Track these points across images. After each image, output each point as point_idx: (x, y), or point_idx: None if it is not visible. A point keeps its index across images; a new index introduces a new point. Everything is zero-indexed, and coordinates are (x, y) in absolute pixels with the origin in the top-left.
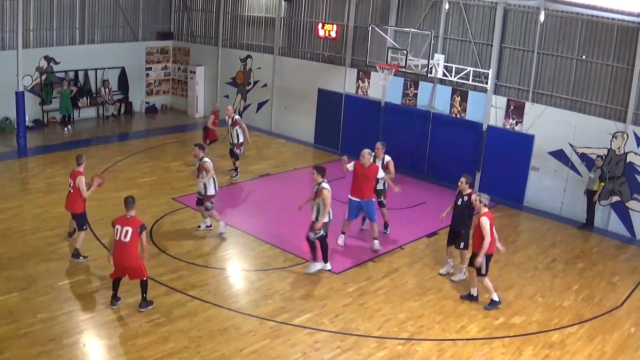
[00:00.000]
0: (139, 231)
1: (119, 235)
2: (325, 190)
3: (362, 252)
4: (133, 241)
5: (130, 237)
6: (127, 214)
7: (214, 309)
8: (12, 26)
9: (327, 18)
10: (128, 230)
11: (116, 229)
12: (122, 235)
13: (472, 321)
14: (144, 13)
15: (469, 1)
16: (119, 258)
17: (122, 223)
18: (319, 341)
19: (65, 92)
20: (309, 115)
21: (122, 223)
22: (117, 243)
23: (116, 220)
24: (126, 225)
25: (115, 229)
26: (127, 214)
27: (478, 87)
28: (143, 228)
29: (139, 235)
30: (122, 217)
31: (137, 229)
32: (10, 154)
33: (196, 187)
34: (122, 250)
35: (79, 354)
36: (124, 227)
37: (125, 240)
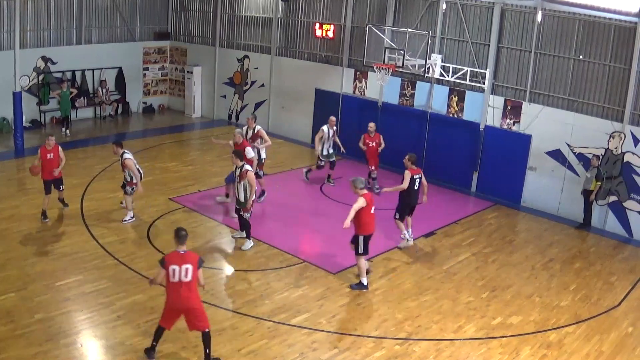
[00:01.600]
0: (198, 266)
1: (179, 276)
2: (249, 172)
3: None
4: (195, 279)
5: (192, 275)
6: (180, 250)
7: (212, 309)
8: (9, 26)
9: (325, 18)
10: (188, 269)
11: (172, 269)
12: (183, 275)
13: (470, 321)
14: (141, 13)
15: (466, 1)
16: (179, 302)
17: (178, 262)
18: (316, 341)
19: (65, 93)
20: (307, 115)
21: (178, 262)
22: (174, 285)
23: (169, 260)
24: (184, 263)
25: (170, 270)
26: (179, 249)
27: (475, 87)
28: (202, 262)
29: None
30: (174, 254)
31: (197, 265)
32: (8, 154)
33: (193, 188)
34: (185, 291)
35: (76, 355)
36: (183, 266)
37: (186, 279)
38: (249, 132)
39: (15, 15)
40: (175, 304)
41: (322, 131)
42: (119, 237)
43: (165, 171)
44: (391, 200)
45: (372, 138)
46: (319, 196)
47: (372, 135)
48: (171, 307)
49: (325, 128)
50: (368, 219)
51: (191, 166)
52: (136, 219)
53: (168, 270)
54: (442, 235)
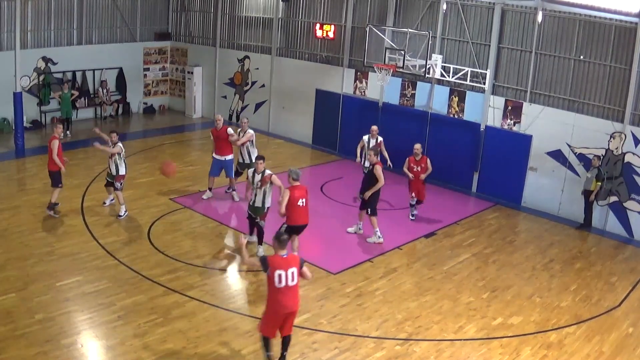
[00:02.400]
0: (300, 266)
1: (285, 281)
2: (273, 176)
3: (360, 252)
4: (298, 282)
5: (297, 278)
6: (281, 253)
7: (212, 310)
8: (10, 27)
9: (325, 18)
10: (294, 272)
11: (278, 275)
12: (290, 280)
13: (470, 321)
14: (141, 14)
15: (467, 2)
16: (286, 307)
17: (284, 266)
18: (317, 341)
19: (66, 95)
20: (307, 115)
21: (284, 266)
22: (281, 291)
23: (274, 265)
24: (290, 267)
25: (276, 276)
26: (279, 253)
27: (476, 87)
28: (303, 261)
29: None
30: (278, 259)
31: (299, 266)
32: (8, 155)
33: (194, 188)
34: (292, 295)
35: (77, 355)
36: (289, 270)
37: (292, 283)
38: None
39: (16, 16)
40: (282, 309)
41: (363, 140)
42: (120, 237)
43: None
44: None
45: (417, 162)
46: (319, 196)
47: (417, 159)
48: (276, 312)
49: (365, 138)
50: (292, 210)
51: (192, 166)
52: (136, 219)
53: (273, 276)
54: (442, 235)
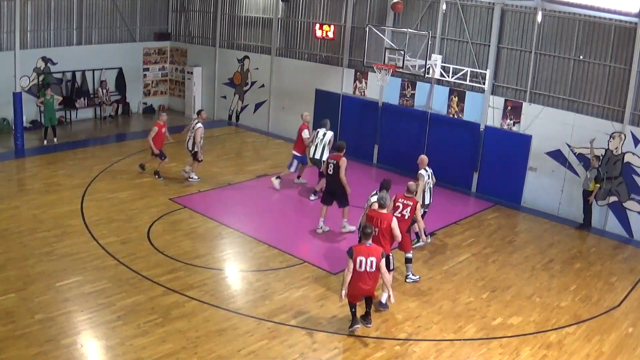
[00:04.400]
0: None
1: (365, 267)
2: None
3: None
4: (378, 269)
5: (376, 267)
6: (366, 242)
7: (212, 310)
8: (10, 27)
9: (325, 19)
10: (373, 261)
11: (359, 260)
12: (368, 266)
13: (470, 321)
14: (141, 14)
15: (467, 2)
16: (363, 286)
17: (365, 254)
18: (317, 342)
19: (49, 101)
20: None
21: (365, 254)
22: (361, 274)
23: (357, 251)
24: (370, 255)
25: (358, 261)
26: (365, 242)
27: (475, 87)
28: (384, 254)
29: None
30: (362, 247)
31: (380, 257)
32: (8, 155)
33: (194, 188)
34: (370, 278)
35: (76, 355)
36: (369, 258)
37: (371, 270)
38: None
39: (16, 16)
40: (357, 291)
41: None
42: (119, 237)
43: (166, 171)
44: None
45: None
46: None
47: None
48: (356, 289)
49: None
50: None
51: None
52: (136, 219)
53: (355, 261)
54: (442, 235)
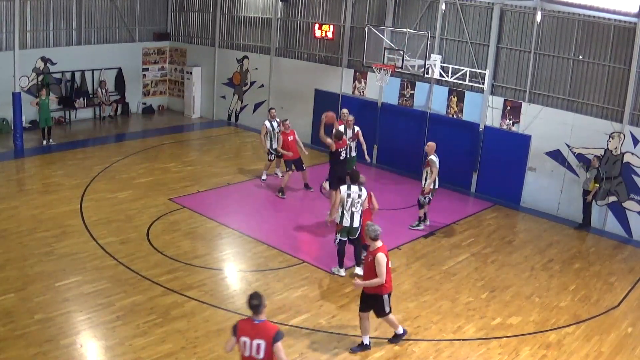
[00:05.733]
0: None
1: (249, 351)
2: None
3: None
4: (268, 357)
5: (265, 354)
6: (254, 319)
7: (211, 310)
8: (9, 27)
9: (324, 19)
10: (260, 345)
11: (242, 341)
12: (254, 352)
13: (469, 322)
14: (140, 14)
15: (466, 2)
16: None
17: (250, 334)
18: (316, 342)
19: (44, 102)
20: (306, 115)
21: (250, 334)
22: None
23: (240, 329)
24: (257, 337)
25: (241, 342)
26: (254, 318)
27: (475, 87)
28: (280, 336)
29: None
30: (248, 323)
31: (271, 341)
32: (7, 155)
33: (193, 188)
34: None
35: (75, 355)
36: (254, 340)
37: (258, 357)
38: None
39: (15, 16)
40: None
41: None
42: (119, 237)
43: (165, 171)
44: (389, 201)
45: None
46: (318, 196)
47: None
48: None
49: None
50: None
51: (191, 167)
52: (135, 219)
53: (238, 341)
54: (441, 235)
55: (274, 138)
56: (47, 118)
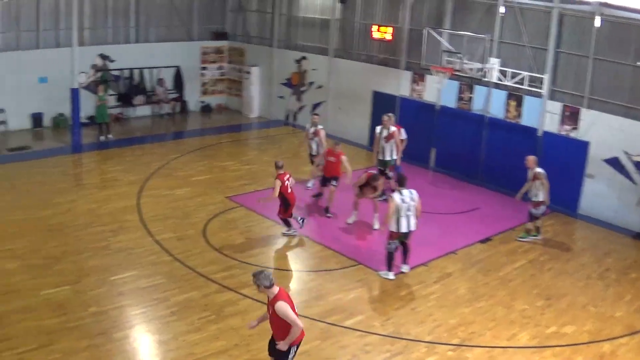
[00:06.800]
0: None
1: None
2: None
3: (414, 256)
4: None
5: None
6: None
7: (265, 308)
8: (67, 24)
9: (382, 20)
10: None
11: None
12: None
13: (524, 329)
14: (199, 13)
15: (525, 5)
16: None
17: None
18: (369, 344)
19: (102, 98)
20: (364, 117)
21: None
22: None
23: None
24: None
25: None
26: None
27: (533, 92)
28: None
29: None
30: None
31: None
32: (65, 150)
33: (250, 187)
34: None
35: (128, 349)
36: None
37: None
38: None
39: (73, 13)
40: None
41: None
42: (175, 234)
43: (223, 170)
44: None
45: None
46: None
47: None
48: None
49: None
50: None
51: (248, 165)
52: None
53: None
54: (498, 241)
55: (311, 142)
56: (103, 114)
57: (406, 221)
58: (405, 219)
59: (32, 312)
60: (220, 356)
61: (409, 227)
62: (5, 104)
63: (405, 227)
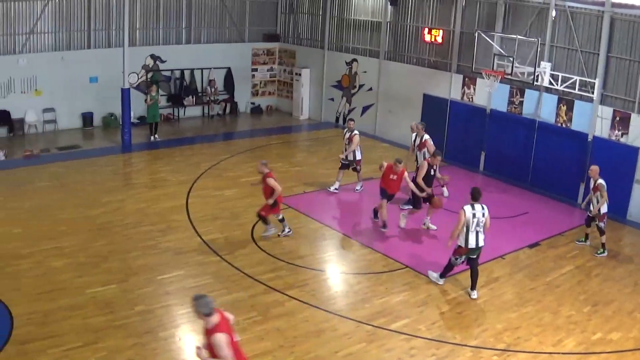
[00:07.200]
0: None
1: None
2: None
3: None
4: None
5: None
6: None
7: (311, 310)
8: (118, 24)
9: (433, 23)
10: None
11: None
12: None
13: (570, 335)
14: (250, 15)
15: (576, 9)
16: None
17: None
18: (414, 347)
19: (154, 97)
20: (414, 120)
21: None
22: None
23: None
24: None
25: None
26: None
27: (584, 96)
28: None
29: None
30: None
31: None
32: (115, 149)
33: (299, 189)
34: None
35: (174, 348)
36: None
37: None
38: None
39: (125, 14)
40: None
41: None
42: (223, 234)
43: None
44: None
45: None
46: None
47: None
48: None
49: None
50: None
51: (298, 167)
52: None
53: None
54: (546, 246)
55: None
56: (155, 114)
57: (475, 237)
58: (474, 234)
59: (79, 310)
60: (264, 357)
61: (477, 243)
62: (55, 103)
63: (473, 242)
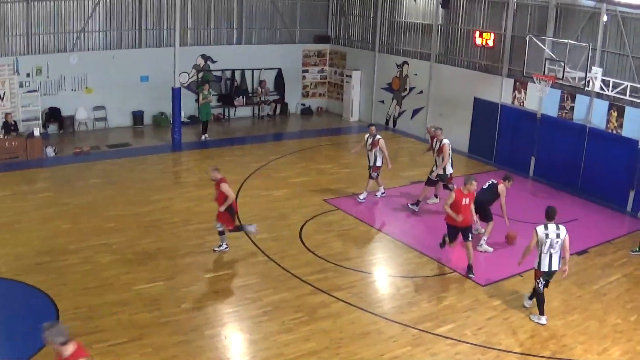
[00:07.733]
0: None
1: None
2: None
3: (510, 266)
4: None
5: None
6: None
7: (358, 312)
8: (170, 24)
9: (484, 26)
10: None
11: None
12: None
13: (615, 344)
14: (301, 16)
15: (627, 14)
16: None
17: None
18: (460, 353)
19: (206, 96)
20: (464, 124)
21: None
22: None
23: None
24: None
25: None
26: None
27: (635, 102)
28: None
29: None
30: None
31: None
32: (165, 148)
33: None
34: None
35: (219, 346)
36: None
37: None
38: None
39: (176, 14)
40: None
41: None
42: (271, 234)
43: (321, 172)
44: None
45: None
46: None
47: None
48: None
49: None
50: None
51: (347, 169)
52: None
53: None
54: (594, 254)
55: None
56: (207, 112)
57: (548, 260)
58: (547, 256)
59: (125, 306)
60: (309, 358)
61: (550, 267)
62: (106, 101)
63: (546, 265)
